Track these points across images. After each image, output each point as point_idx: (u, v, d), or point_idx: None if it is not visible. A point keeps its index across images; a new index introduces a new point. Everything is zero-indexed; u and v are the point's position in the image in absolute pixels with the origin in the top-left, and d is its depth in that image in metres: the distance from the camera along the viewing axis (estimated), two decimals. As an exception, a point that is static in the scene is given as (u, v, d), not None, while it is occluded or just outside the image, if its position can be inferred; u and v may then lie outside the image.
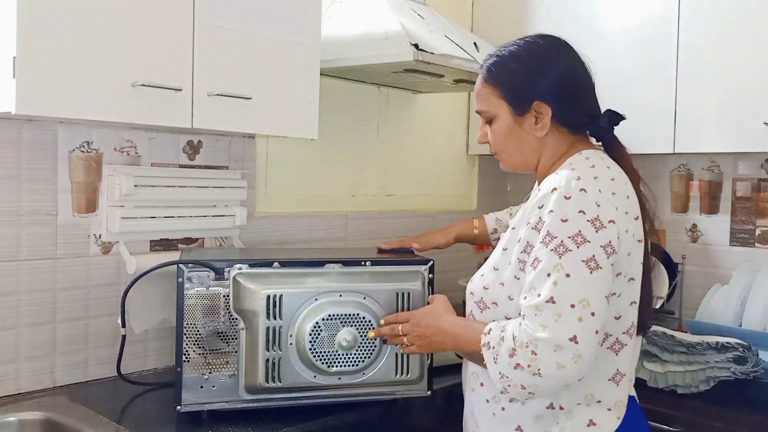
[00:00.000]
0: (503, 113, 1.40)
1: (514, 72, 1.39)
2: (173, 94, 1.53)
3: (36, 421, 1.53)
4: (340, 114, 2.40)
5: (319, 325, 1.50)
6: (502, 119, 1.41)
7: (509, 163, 1.46)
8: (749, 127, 2.14)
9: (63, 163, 1.71)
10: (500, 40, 2.59)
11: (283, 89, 1.76)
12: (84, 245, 1.75)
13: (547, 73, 1.38)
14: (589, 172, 1.29)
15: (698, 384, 1.94)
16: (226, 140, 2.03)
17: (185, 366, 1.50)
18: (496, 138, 1.43)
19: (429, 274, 1.64)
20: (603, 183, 1.28)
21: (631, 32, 2.40)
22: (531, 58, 1.40)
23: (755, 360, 1.94)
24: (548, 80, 1.38)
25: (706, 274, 2.55)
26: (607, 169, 1.33)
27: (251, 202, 2.10)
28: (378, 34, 2.02)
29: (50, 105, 1.36)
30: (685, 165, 2.65)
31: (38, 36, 1.33)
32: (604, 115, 1.43)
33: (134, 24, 1.46)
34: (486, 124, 1.45)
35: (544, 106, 1.37)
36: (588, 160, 1.36)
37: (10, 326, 1.64)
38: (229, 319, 1.51)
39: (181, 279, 1.50)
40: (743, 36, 2.16)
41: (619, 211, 1.26)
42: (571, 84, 1.40)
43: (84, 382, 1.76)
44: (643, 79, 2.36)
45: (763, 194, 2.47)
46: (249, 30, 1.67)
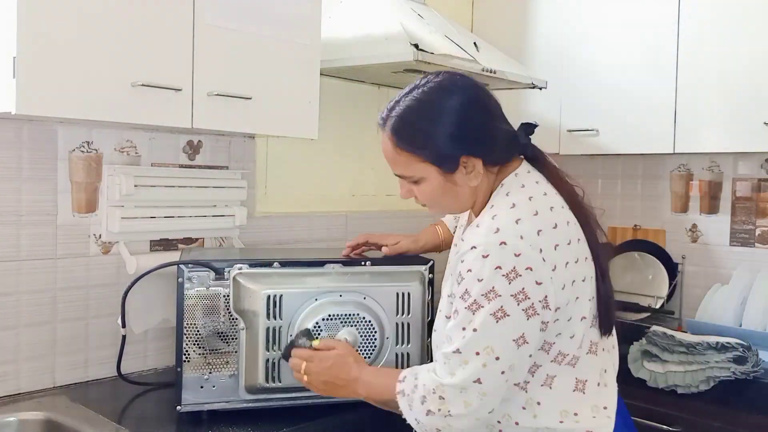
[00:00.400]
0: (431, 175, 1.33)
1: (428, 133, 1.31)
2: (173, 94, 1.53)
3: (36, 421, 1.53)
4: (340, 114, 2.40)
5: (319, 325, 1.50)
6: (431, 180, 1.34)
7: (443, 211, 1.48)
8: (749, 127, 2.14)
9: (63, 163, 1.71)
10: (500, 40, 2.62)
11: (283, 89, 1.76)
12: (84, 245, 1.75)
13: (462, 124, 1.31)
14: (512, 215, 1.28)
15: (698, 384, 1.94)
16: (226, 140, 2.03)
17: (185, 366, 1.50)
18: (429, 197, 1.37)
19: (429, 274, 1.64)
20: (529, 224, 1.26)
21: (631, 32, 2.40)
22: (438, 113, 1.31)
23: (755, 360, 1.94)
24: (466, 131, 1.32)
25: (706, 274, 2.55)
26: (543, 196, 1.32)
27: (251, 202, 2.10)
28: (378, 34, 2.02)
29: (50, 105, 1.36)
30: (685, 165, 2.65)
31: (38, 36, 1.33)
32: (519, 130, 1.38)
33: (134, 24, 1.46)
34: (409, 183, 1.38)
35: (472, 158, 1.31)
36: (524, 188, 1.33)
37: (10, 326, 1.64)
38: (229, 319, 1.51)
39: (181, 279, 1.50)
40: (743, 36, 2.16)
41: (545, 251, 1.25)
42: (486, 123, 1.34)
43: (84, 382, 1.76)
44: (643, 79, 2.36)
45: (763, 194, 2.47)
46: (249, 30, 1.67)
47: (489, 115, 1.34)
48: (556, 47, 2.54)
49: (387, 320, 1.57)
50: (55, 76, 1.35)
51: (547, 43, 2.58)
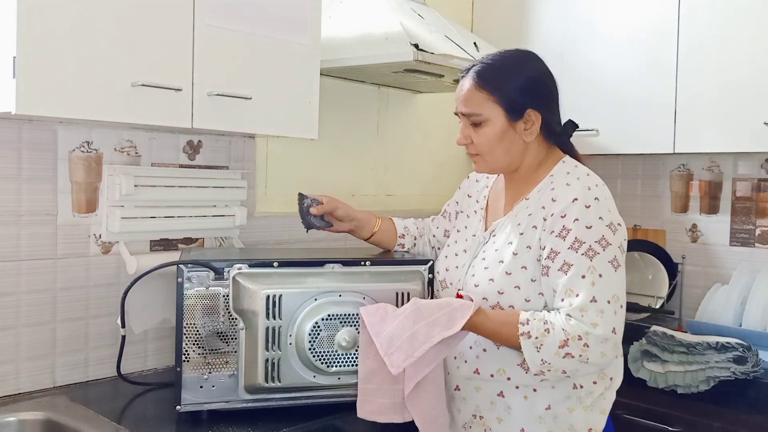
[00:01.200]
0: (497, 118, 1.47)
1: (509, 79, 1.48)
2: (173, 94, 1.53)
3: (36, 421, 1.53)
4: (340, 114, 2.40)
5: (318, 325, 1.50)
6: (495, 123, 1.47)
7: (489, 166, 1.53)
8: (749, 127, 2.14)
9: (63, 163, 1.71)
10: (500, 40, 2.62)
11: (283, 89, 1.76)
12: (84, 245, 1.75)
13: (538, 82, 1.50)
14: (592, 180, 1.46)
15: (698, 384, 1.94)
16: (226, 140, 2.03)
17: (185, 366, 1.50)
18: (486, 141, 1.49)
19: (429, 274, 1.64)
20: (604, 190, 1.46)
21: (631, 32, 2.40)
22: (520, 67, 1.50)
23: (755, 360, 1.94)
24: (539, 89, 1.50)
25: (706, 274, 2.55)
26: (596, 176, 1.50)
27: (251, 202, 2.10)
28: (378, 34, 2.02)
29: (50, 105, 1.36)
30: (685, 165, 2.65)
31: (38, 36, 1.33)
32: (566, 124, 1.56)
33: (134, 24, 1.46)
34: (470, 126, 1.51)
35: (536, 113, 1.48)
36: (578, 168, 1.51)
37: (10, 326, 1.64)
38: (229, 319, 1.51)
39: (180, 279, 1.50)
40: (743, 36, 2.16)
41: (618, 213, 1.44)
42: (554, 95, 1.54)
43: (84, 382, 1.76)
44: (643, 79, 2.36)
45: (763, 194, 2.47)
46: (249, 30, 1.67)
47: (555, 90, 1.54)
48: (556, 47, 2.54)
49: (387, 320, 1.57)
50: (55, 76, 1.35)
51: (547, 43, 2.58)
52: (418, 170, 2.70)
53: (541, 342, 1.35)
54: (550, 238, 1.41)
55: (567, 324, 1.34)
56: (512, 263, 1.45)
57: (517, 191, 1.55)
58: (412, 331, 1.36)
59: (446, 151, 2.81)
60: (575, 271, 1.36)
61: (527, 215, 1.48)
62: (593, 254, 1.36)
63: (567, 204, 1.41)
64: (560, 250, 1.39)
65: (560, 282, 1.38)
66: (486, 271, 1.48)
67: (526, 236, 1.45)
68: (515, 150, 1.50)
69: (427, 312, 1.38)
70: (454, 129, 2.90)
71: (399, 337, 1.36)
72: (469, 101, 1.49)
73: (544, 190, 1.49)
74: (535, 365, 1.36)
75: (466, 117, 1.50)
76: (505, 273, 1.45)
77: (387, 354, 1.36)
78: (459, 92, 1.52)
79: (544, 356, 1.35)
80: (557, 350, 1.34)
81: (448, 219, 1.78)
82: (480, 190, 1.68)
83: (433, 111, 2.74)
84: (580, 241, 1.37)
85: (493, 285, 1.45)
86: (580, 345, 1.33)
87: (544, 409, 1.45)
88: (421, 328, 1.36)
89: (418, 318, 1.38)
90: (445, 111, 2.79)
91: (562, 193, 1.44)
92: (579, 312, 1.34)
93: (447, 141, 2.81)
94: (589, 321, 1.34)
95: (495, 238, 1.52)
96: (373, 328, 1.40)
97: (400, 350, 1.36)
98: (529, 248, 1.44)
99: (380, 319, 1.41)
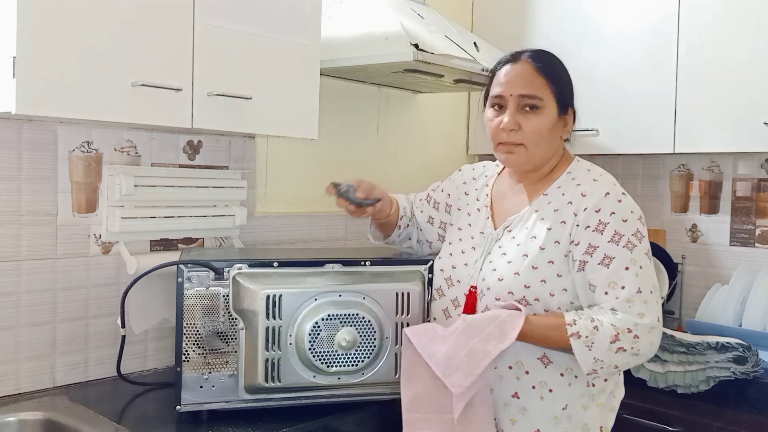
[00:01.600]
0: (550, 109, 1.48)
1: (562, 71, 1.52)
2: (173, 94, 1.53)
3: (36, 421, 1.53)
4: (340, 114, 2.40)
5: (318, 325, 1.50)
6: (548, 113, 1.48)
7: (526, 158, 1.50)
8: (749, 127, 2.14)
9: (63, 163, 1.71)
10: (500, 40, 2.62)
11: (283, 89, 1.76)
12: (84, 245, 1.75)
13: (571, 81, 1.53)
14: (612, 177, 1.50)
15: (698, 384, 1.94)
16: (226, 140, 2.03)
17: (185, 366, 1.50)
18: (538, 128, 1.47)
19: (429, 274, 1.64)
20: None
21: (631, 32, 2.40)
22: (562, 65, 1.53)
23: (755, 360, 1.94)
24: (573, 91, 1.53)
25: (706, 274, 2.55)
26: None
27: (251, 202, 2.10)
28: (378, 34, 2.02)
29: (50, 105, 1.36)
30: (685, 165, 2.65)
31: (38, 36, 1.33)
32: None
33: (134, 24, 1.46)
34: (520, 111, 1.47)
35: (573, 113, 1.53)
36: (594, 166, 1.54)
37: (10, 326, 1.64)
38: (229, 319, 1.51)
39: (180, 279, 1.50)
40: (743, 36, 2.16)
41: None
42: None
43: (84, 382, 1.76)
44: (643, 79, 2.36)
45: (763, 194, 2.47)
46: (249, 30, 1.67)
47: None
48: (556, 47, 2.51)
49: (386, 320, 1.57)
50: (55, 76, 1.35)
51: (547, 43, 2.57)
52: (418, 170, 2.70)
53: (592, 340, 1.34)
54: (585, 233, 1.41)
55: (614, 318, 1.35)
56: (539, 257, 1.43)
57: (533, 188, 1.54)
58: (468, 348, 1.34)
59: (446, 151, 2.81)
60: (618, 263, 1.38)
61: (552, 211, 1.47)
62: (632, 246, 1.38)
63: (599, 198, 1.42)
64: (599, 244, 1.39)
65: (601, 275, 1.38)
66: (510, 265, 1.46)
67: (554, 231, 1.45)
68: (554, 145, 1.52)
69: (479, 327, 1.37)
70: (455, 129, 2.91)
71: (456, 357, 1.34)
72: (532, 83, 1.47)
73: (566, 186, 1.49)
74: (587, 365, 1.36)
75: (522, 99, 1.47)
76: (531, 267, 1.43)
77: (446, 375, 1.34)
78: (515, 74, 1.48)
79: (596, 354, 1.35)
80: (609, 346, 1.34)
81: (435, 208, 1.75)
82: (479, 189, 1.66)
83: (433, 111, 2.74)
84: (619, 234, 1.39)
85: (519, 279, 1.44)
86: (630, 337, 1.34)
87: (561, 409, 1.44)
88: (477, 344, 1.35)
89: (472, 334, 1.36)
90: (445, 111, 2.80)
91: (592, 188, 1.45)
92: (626, 303, 1.35)
93: (447, 141, 2.81)
94: (636, 312, 1.35)
95: (511, 233, 1.51)
96: (425, 349, 1.38)
97: (459, 370, 1.34)
98: (558, 243, 1.43)
99: (430, 340, 1.39)
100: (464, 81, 2.28)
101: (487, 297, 1.47)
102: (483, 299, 1.48)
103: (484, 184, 1.66)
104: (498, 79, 1.52)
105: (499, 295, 1.45)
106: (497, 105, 1.51)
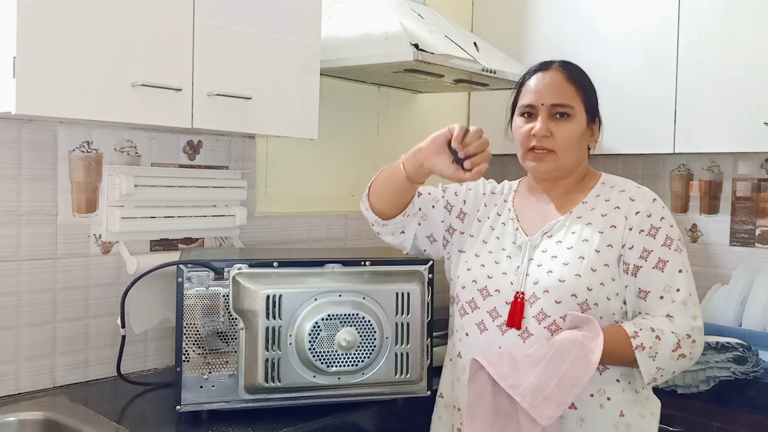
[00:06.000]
0: (581, 116, 1.50)
1: (589, 82, 1.54)
2: (173, 94, 1.53)
3: (36, 421, 1.53)
4: (340, 114, 2.40)
5: (318, 325, 1.50)
6: (579, 121, 1.49)
7: (557, 164, 1.50)
8: (749, 127, 2.14)
9: (63, 163, 1.71)
10: (500, 40, 2.62)
11: (283, 89, 1.76)
12: (84, 245, 1.75)
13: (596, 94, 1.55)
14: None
15: (698, 384, 1.94)
16: (226, 140, 2.03)
17: (185, 366, 1.50)
18: (569, 135, 1.48)
19: (429, 274, 1.64)
20: None
21: (631, 32, 2.40)
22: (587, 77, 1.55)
23: (755, 360, 1.94)
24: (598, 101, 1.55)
25: (706, 274, 2.55)
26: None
27: (251, 202, 2.10)
28: (378, 34, 2.02)
29: (50, 105, 1.36)
30: (685, 165, 2.65)
31: (38, 36, 1.33)
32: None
33: (134, 24, 1.46)
34: (551, 119, 1.48)
35: (599, 122, 1.56)
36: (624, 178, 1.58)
37: (10, 326, 1.64)
38: (229, 319, 1.51)
39: (180, 279, 1.50)
40: (743, 36, 2.16)
41: None
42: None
43: (84, 382, 1.76)
44: (643, 79, 2.36)
45: (763, 194, 2.47)
46: (249, 30, 1.67)
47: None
48: (556, 47, 2.54)
49: (386, 320, 1.57)
50: (55, 76, 1.35)
51: (547, 43, 2.58)
52: (418, 170, 2.70)
53: (656, 350, 1.34)
54: (639, 237, 1.42)
55: (673, 325, 1.36)
56: (596, 260, 1.42)
57: (565, 198, 1.53)
58: (558, 377, 1.27)
59: (446, 151, 2.81)
60: (672, 266, 1.40)
61: (600, 216, 1.46)
62: (680, 250, 1.43)
63: (649, 203, 1.45)
64: (653, 248, 1.41)
65: (656, 279, 1.40)
66: (568, 267, 1.41)
67: (606, 235, 1.44)
68: (582, 153, 1.53)
69: (566, 351, 1.29)
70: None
71: (546, 386, 1.26)
72: (563, 92, 1.48)
73: (607, 193, 1.51)
74: (649, 375, 1.36)
75: (555, 107, 1.48)
76: (590, 269, 1.41)
77: (533, 406, 1.24)
78: (548, 82, 1.49)
79: (659, 364, 1.35)
80: (671, 354, 1.35)
81: (448, 211, 1.63)
82: (500, 205, 1.61)
83: (433, 111, 2.74)
84: (670, 238, 1.42)
85: (582, 281, 1.40)
86: (689, 342, 1.36)
87: (618, 416, 1.40)
88: (567, 371, 1.27)
89: (561, 360, 1.28)
90: (445, 111, 2.79)
91: (639, 194, 1.48)
92: (682, 307, 1.38)
93: (447, 141, 2.81)
94: (690, 314, 1.38)
95: (553, 239, 1.47)
96: (507, 379, 1.28)
97: (550, 400, 1.25)
98: (611, 247, 1.43)
99: (511, 369, 1.30)
100: (464, 81, 2.28)
101: (544, 300, 1.41)
102: (536, 304, 1.42)
103: (503, 200, 1.62)
104: (528, 87, 1.51)
105: (560, 298, 1.39)
106: (527, 113, 1.50)
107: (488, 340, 1.46)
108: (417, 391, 1.63)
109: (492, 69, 2.17)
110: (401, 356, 1.59)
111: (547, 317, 1.40)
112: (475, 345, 1.47)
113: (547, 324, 1.40)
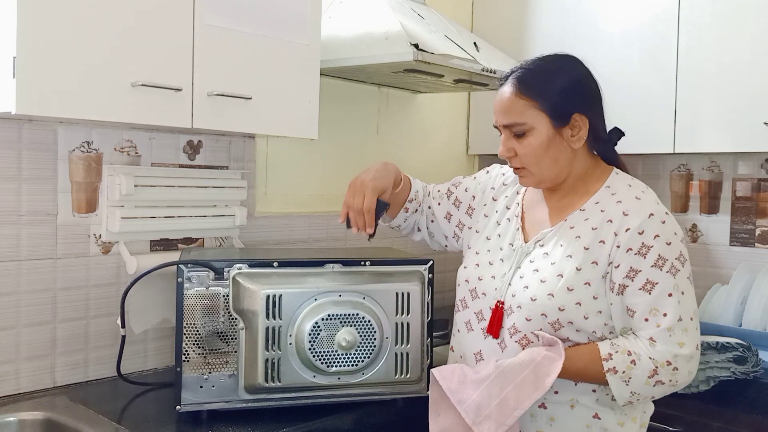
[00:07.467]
0: (542, 125, 1.39)
1: (551, 82, 1.41)
2: (173, 94, 1.53)
3: (36, 421, 1.53)
4: (340, 114, 2.40)
5: (318, 325, 1.50)
6: (540, 131, 1.40)
7: (536, 179, 1.44)
8: (749, 127, 2.14)
9: (63, 163, 1.71)
10: (500, 40, 2.62)
11: (283, 89, 1.76)
12: (84, 245, 1.75)
13: (581, 83, 1.43)
14: (654, 195, 1.42)
15: (698, 384, 1.94)
16: (226, 140, 2.03)
17: (185, 366, 1.50)
18: (532, 151, 1.40)
19: (429, 274, 1.64)
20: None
21: (631, 32, 2.40)
22: (562, 69, 1.44)
23: (755, 360, 1.94)
24: (583, 91, 1.43)
25: (706, 274, 2.55)
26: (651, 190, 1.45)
27: (251, 202, 2.10)
28: (378, 34, 2.02)
29: (50, 105, 1.36)
30: (685, 165, 2.65)
31: (38, 36, 1.33)
32: (612, 131, 1.49)
33: (134, 24, 1.46)
34: (513, 137, 1.42)
35: (582, 117, 1.41)
36: (636, 180, 1.46)
37: (10, 326, 1.64)
38: (229, 319, 1.51)
39: (180, 279, 1.50)
40: (743, 36, 2.16)
41: None
42: (599, 97, 1.46)
43: (84, 382, 1.76)
44: (643, 79, 2.36)
45: (763, 194, 2.47)
46: (249, 30, 1.67)
47: (599, 92, 1.46)
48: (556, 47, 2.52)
49: (386, 320, 1.57)
50: (55, 76, 1.35)
51: (547, 43, 2.58)
52: (418, 170, 2.69)
53: (630, 375, 1.31)
54: (626, 256, 1.34)
55: (653, 351, 1.31)
56: (575, 278, 1.36)
57: (565, 202, 1.47)
58: (500, 398, 1.29)
59: (446, 151, 2.81)
60: (660, 289, 1.32)
61: (590, 228, 1.39)
62: (675, 271, 1.33)
63: (643, 219, 1.34)
64: (641, 269, 1.33)
65: (642, 301, 1.33)
66: (543, 285, 1.38)
67: (592, 251, 1.37)
68: (563, 159, 1.42)
69: (512, 374, 1.31)
70: (455, 129, 2.91)
71: (487, 406, 1.29)
72: (510, 111, 1.41)
73: (606, 202, 1.41)
74: (623, 398, 1.33)
75: (508, 128, 1.42)
76: (566, 288, 1.36)
77: (475, 423, 1.29)
78: (498, 102, 1.44)
79: (633, 388, 1.32)
80: (647, 380, 1.31)
81: (456, 206, 1.67)
82: (510, 197, 1.58)
83: (433, 111, 2.74)
84: (663, 259, 1.32)
85: (554, 301, 1.36)
86: (669, 370, 1.31)
87: (592, 417, 1.38)
88: (510, 393, 1.29)
89: (505, 382, 1.30)
90: (445, 111, 2.80)
91: (635, 207, 1.37)
92: (666, 333, 1.31)
93: (447, 141, 2.82)
94: (676, 341, 1.31)
95: (543, 249, 1.43)
96: (455, 394, 1.33)
97: (490, 419, 1.28)
98: (595, 264, 1.36)
99: (459, 383, 1.34)
100: (464, 81, 2.28)
101: (517, 315, 1.40)
102: (511, 317, 1.41)
103: (515, 192, 1.58)
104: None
105: (530, 316, 1.38)
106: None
107: (473, 341, 1.48)
108: (417, 391, 1.63)
109: (492, 69, 2.17)
110: (401, 356, 1.59)
111: (518, 332, 1.40)
112: (463, 342, 1.52)
113: (518, 338, 1.40)
